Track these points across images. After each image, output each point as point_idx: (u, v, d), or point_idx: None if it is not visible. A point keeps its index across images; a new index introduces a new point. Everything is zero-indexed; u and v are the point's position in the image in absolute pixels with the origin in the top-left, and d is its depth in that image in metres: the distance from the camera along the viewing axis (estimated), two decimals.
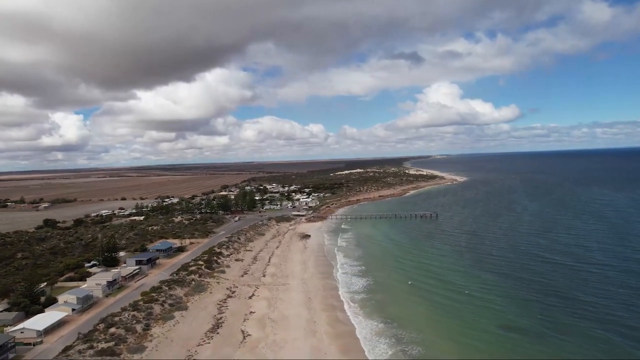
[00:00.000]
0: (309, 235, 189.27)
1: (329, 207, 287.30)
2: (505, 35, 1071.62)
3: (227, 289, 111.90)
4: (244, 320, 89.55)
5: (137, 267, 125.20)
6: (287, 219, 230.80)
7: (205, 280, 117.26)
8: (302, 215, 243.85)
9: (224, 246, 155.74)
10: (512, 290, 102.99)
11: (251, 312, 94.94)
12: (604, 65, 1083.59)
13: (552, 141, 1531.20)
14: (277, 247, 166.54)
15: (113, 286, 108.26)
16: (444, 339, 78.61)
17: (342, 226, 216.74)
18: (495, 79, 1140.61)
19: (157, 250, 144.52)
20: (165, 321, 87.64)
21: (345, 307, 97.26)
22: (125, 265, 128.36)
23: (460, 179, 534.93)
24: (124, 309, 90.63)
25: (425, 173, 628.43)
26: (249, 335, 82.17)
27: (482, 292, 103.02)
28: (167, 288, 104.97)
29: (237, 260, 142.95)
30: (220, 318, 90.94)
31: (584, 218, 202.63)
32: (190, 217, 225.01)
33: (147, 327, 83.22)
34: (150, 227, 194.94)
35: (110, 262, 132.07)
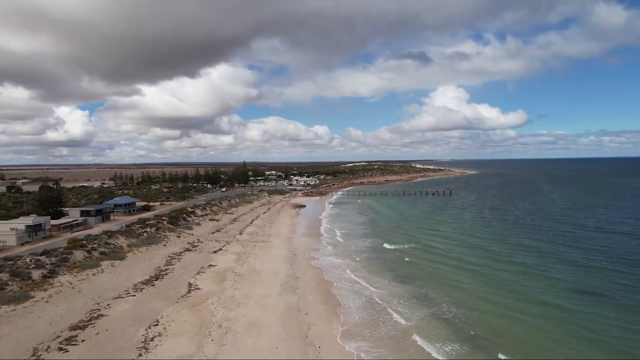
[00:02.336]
0: (304, 206, 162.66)
1: (329, 186, 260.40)
2: (515, 37, 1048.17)
3: (189, 243, 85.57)
4: (197, 273, 63.06)
5: (81, 218, 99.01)
6: (281, 192, 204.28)
7: (163, 234, 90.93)
8: (299, 190, 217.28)
9: (200, 207, 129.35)
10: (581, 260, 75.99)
11: (211, 265, 68.51)
12: (615, 71, 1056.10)
13: (558, 148, 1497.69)
14: (265, 212, 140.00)
15: (36, 234, 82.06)
16: (473, 298, 51.86)
17: (345, 199, 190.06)
18: (503, 84, 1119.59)
19: (116, 205, 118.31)
20: (83, 269, 61.25)
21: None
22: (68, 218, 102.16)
23: (470, 172, 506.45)
24: (32, 254, 64.34)
25: (432, 167, 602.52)
26: (197, 289, 55.60)
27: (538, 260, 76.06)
28: (106, 237, 78.67)
29: (212, 220, 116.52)
30: (165, 270, 64.54)
31: (626, 200, 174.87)
32: (171, 185, 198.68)
33: (50, 274, 56.83)
34: (120, 191, 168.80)
35: (53, 215, 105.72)
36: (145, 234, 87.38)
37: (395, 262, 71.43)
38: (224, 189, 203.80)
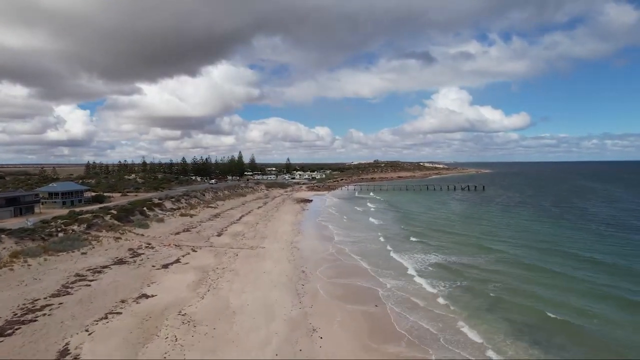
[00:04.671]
0: (310, 200, 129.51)
1: (337, 180, 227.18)
2: (521, 37, 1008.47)
3: (130, 249, 52.46)
4: (98, 321, 30.01)
5: None
6: (282, 185, 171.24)
7: (95, 234, 57.87)
8: (303, 184, 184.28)
9: (172, 199, 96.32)
10: None
11: (140, 298, 35.32)
12: (620, 72, 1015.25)
13: (560, 152, 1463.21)
14: (260, 207, 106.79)
15: None
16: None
17: (357, 194, 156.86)
18: (507, 85, 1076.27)
19: (51, 194, 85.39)
20: None
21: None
22: None
23: (485, 170, 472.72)
24: None
25: (441, 166, 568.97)
26: None
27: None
28: None
29: (184, 215, 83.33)
30: (38, 311, 31.54)
31: None
32: (150, 175, 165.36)
33: None
34: (80, 180, 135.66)
35: None
36: (62, 235, 54.37)
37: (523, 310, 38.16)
38: (213, 181, 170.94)
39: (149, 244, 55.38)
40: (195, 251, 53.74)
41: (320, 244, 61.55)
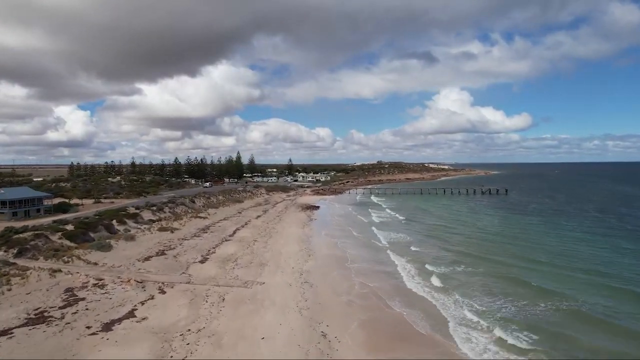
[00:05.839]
0: (317, 207, 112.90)
1: (343, 183, 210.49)
2: (523, 37, 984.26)
3: (67, 290, 35.69)
4: None
5: None
6: (284, 189, 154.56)
7: (23, 264, 41.17)
8: (307, 187, 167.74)
9: (153, 208, 79.70)
10: None
11: None
12: (622, 72, 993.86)
13: (562, 153, 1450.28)
14: (259, 217, 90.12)
15: None
16: None
17: (372, 199, 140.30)
18: (508, 86, 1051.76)
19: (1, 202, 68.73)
20: None
21: None
22: None
23: (493, 172, 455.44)
24: None
25: (447, 167, 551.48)
26: None
27: None
28: None
29: (163, 229, 66.55)
30: None
31: None
32: (136, 177, 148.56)
33: None
34: (54, 184, 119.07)
35: None
36: None
37: None
38: (207, 184, 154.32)
39: (99, 280, 38.66)
40: (164, 292, 37.07)
41: (339, 275, 44.95)
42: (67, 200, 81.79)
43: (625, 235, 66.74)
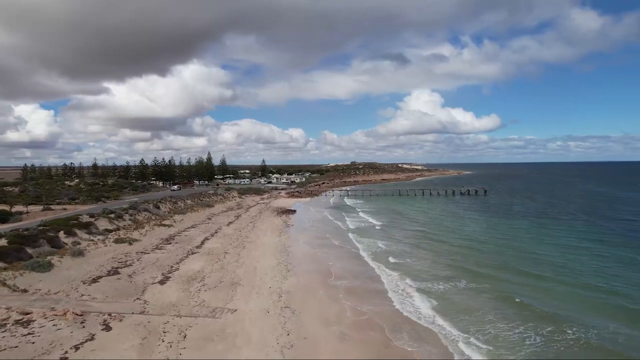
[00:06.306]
0: (294, 211, 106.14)
1: (319, 185, 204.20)
2: (492, 41, 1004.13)
3: None
4: None
5: None
6: (258, 192, 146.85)
7: None
8: (282, 189, 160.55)
9: (111, 215, 70.98)
10: None
11: None
12: (586, 77, 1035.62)
13: (528, 153, 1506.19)
14: (231, 223, 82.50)
15: None
16: None
17: (346, 201, 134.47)
18: (478, 88, 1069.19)
19: None
20: None
21: None
22: None
23: (466, 172, 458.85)
24: None
25: (420, 167, 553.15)
26: None
27: None
28: None
29: (120, 240, 58.21)
30: None
31: None
32: (97, 181, 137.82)
33: None
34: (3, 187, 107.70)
35: None
36: None
37: None
38: (175, 187, 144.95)
39: (25, 315, 30.68)
40: (109, 328, 29.51)
41: (326, 296, 38.41)
42: (6, 208, 71.77)
43: (624, 243, 62.75)
